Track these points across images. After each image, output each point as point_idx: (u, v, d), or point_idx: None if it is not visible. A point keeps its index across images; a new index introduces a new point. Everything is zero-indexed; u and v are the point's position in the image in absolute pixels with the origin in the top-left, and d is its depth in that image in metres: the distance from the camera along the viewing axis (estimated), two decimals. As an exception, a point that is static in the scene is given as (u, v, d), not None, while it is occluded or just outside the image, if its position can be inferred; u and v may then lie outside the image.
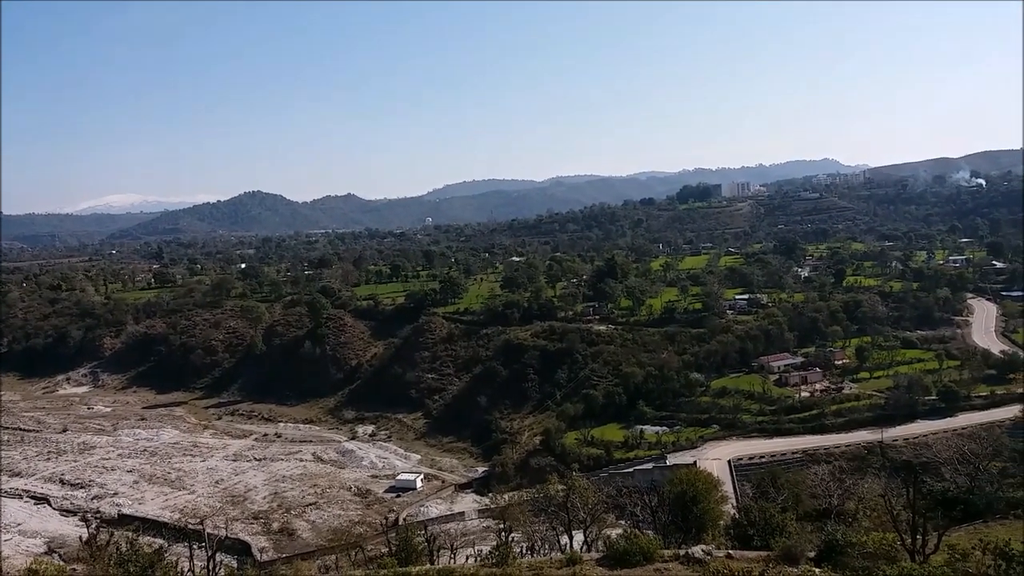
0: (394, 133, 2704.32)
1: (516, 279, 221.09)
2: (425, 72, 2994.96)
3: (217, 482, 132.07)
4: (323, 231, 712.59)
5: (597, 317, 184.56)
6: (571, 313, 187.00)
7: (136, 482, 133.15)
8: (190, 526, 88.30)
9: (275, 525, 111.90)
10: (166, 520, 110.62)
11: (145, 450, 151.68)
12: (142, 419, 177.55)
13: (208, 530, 78.25)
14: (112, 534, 55.74)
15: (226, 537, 79.46)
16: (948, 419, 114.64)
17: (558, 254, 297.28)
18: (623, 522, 62.93)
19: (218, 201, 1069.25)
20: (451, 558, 56.97)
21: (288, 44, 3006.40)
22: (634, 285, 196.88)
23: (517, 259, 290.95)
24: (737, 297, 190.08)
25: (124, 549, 37.88)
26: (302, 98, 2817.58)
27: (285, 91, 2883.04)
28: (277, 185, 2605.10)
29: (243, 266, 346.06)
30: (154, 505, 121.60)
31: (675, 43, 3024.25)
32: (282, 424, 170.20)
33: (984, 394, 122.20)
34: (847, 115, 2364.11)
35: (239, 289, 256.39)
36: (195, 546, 68.02)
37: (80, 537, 65.40)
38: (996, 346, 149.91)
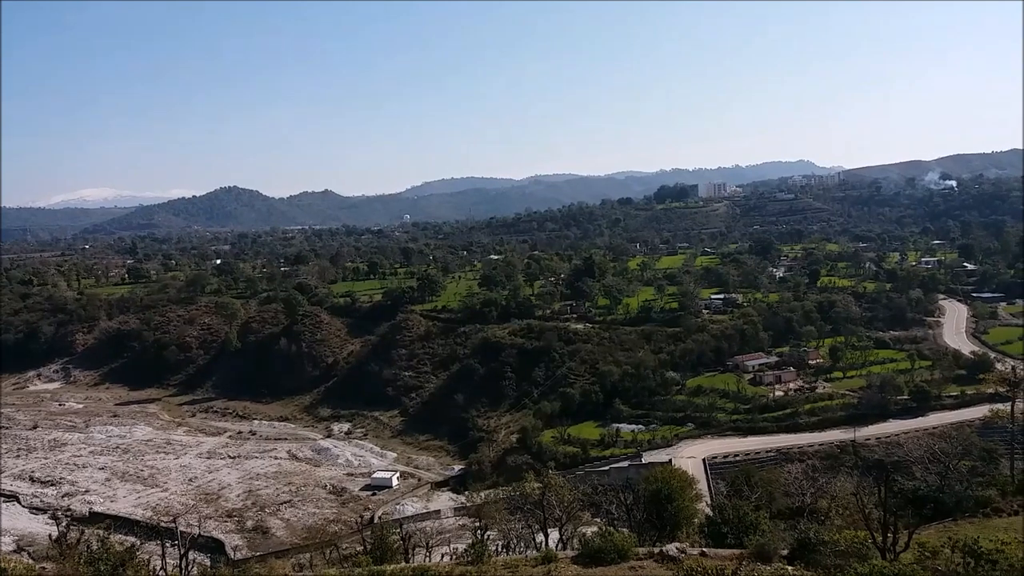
0: (373, 130, 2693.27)
1: (494, 277, 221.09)
2: (404, 69, 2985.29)
3: (191, 480, 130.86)
4: (300, 227, 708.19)
5: (575, 316, 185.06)
6: (549, 311, 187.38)
7: (108, 479, 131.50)
8: (163, 524, 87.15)
9: (249, 523, 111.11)
10: (138, 518, 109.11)
11: (117, 447, 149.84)
12: (115, 416, 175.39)
13: (181, 528, 77.56)
14: (83, 532, 54.95)
15: (199, 535, 78.72)
16: (920, 419, 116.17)
17: (536, 252, 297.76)
18: (599, 520, 63.17)
19: (193, 196, 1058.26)
20: (426, 556, 56.90)
21: (265, 39, 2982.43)
22: (611, 284, 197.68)
23: (495, 257, 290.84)
24: (713, 297, 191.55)
25: (95, 547, 37.32)
26: (280, 93, 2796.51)
27: (262, 86, 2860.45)
28: (254, 180, 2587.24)
29: (218, 262, 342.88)
30: (126, 503, 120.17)
31: (653, 44, 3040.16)
32: (257, 421, 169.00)
33: (955, 394, 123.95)
34: (823, 117, 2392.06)
35: (214, 285, 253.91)
36: (168, 544, 67.27)
37: (50, 535, 64.42)
38: (967, 347, 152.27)
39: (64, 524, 75.40)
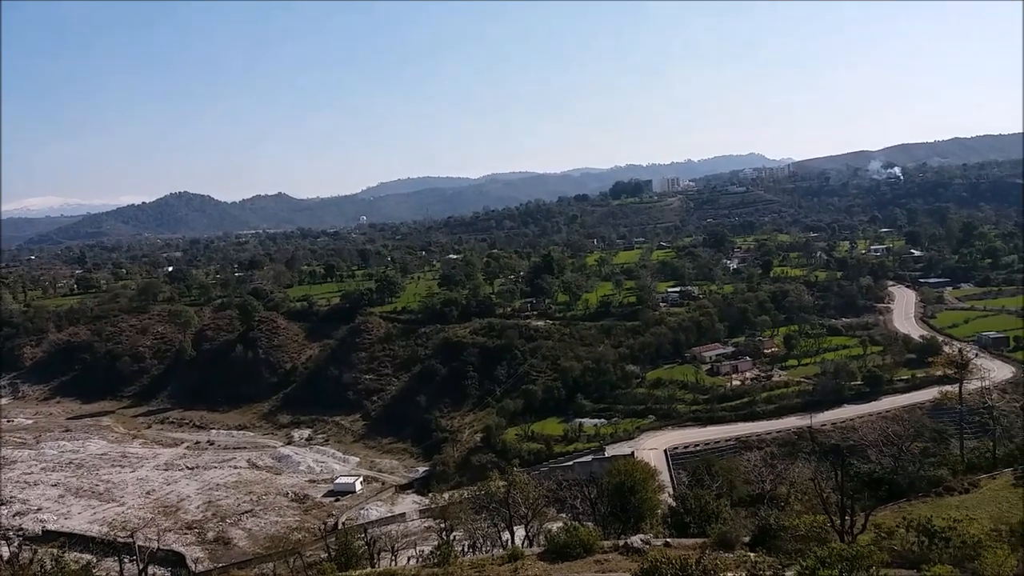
0: (326, 131, 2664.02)
1: (454, 277, 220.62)
2: (357, 69, 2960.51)
3: (148, 492, 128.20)
4: (253, 232, 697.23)
5: (535, 313, 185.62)
6: (509, 309, 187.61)
7: (61, 496, 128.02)
8: (120, 539, 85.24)
9: (210, 534, 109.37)
10: (94, 534, 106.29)
11: (71, 463, 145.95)
12: (67, 431, 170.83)
13: (139, 542, 76.01)
14: (36, 551, 53.36)
15: (158, 549, 77.17)
16: (873, 403, 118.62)
17: (495, 251, 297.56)
18: (564, 515, 63.46)
19: (143, 203, 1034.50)
20: (392, 560, 56.56)
21: (213, 41, 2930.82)
22: (570, 280, 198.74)
23: (454, 257, 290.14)
24: (669, 290, 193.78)
25: (49, 567, 36.39)
26: (230, 95, 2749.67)
27: (211, 89, 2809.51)
28: (205, 185, 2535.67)
29: (170, 269, 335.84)
30: (81, 519, 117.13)
31: (605, 43, 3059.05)
32: (215, 431, 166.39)
33: (905, 378, 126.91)
34: (770, 110, 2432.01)
35: (167, 293, 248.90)
36: (126, 560, 65.81)
37: (1, 556, 62.50)
38: (916, 331, 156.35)
39: (16, 544, 73.32)
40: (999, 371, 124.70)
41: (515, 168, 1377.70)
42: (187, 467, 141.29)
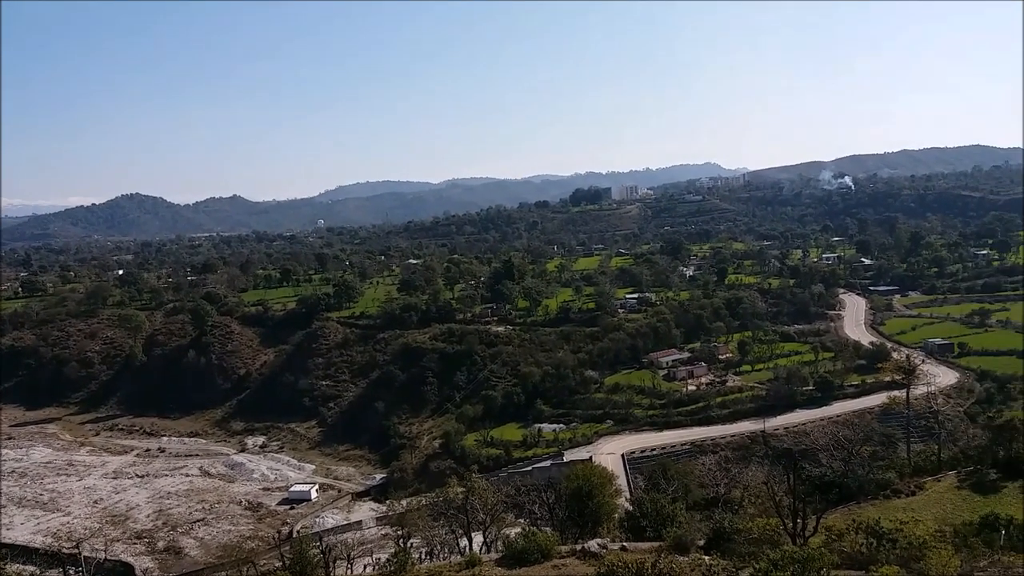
0: (283, 132, 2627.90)
1: (413, 282, 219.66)
2: (315, 71, 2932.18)
3: (96, 502, 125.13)
4: (207, 235, 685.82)
5: (495, 318, 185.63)
6: (469, 315, 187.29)
7: (3, 506, 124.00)
8: (65, 550, 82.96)
9: (160, 544, 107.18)
10: (37, 545, 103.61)
11: (13, 471, 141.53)
12: (10, 438, 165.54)
13: (85, 553, 73.96)
14: (-25, 564, 51.77)
15: (106, 559, 75.39)
16: (824, 408, 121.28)
17: (455, 256, 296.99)
18: (522, 521, 63.46)
19: (93, 204, 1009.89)
20: (348, 568, 55.97)
21: (167, 39, 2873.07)
22: (531, 286, 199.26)
23: (414, 262, 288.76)
24: (628, 296, 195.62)
25: (-11, 579, 35.22)
26: (183, 95, 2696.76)
27: (164, 87, 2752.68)
28: (157, 187, 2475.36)
29: (121, 273, 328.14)
30: (24, 530, 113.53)
31: (565, 49, 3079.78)
32: (166, 438, 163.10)
33: (856, 383, 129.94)
34: (726, 121, 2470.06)
35: (117, 297, 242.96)
36: (71, 571, 64.05)
37: (-61, 569, 60.35)
38: (866, 338, 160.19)
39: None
40: (944, 377, 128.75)
41: (476, 173, 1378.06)
42: (137, 475, 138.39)
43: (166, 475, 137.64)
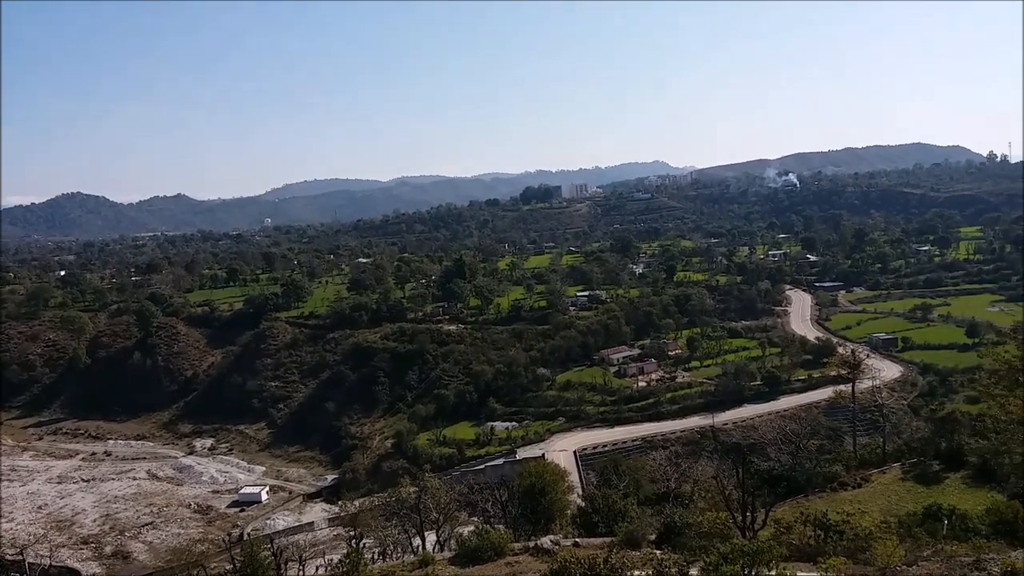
0: (228, 130, 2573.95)
1: (363, 281, 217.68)
2: (260, 66, 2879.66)
3: (40, 507, 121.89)
4: (151, 234, 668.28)
5: (447, 317, 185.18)
6: (421, 314, 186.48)
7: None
8: (8, 557, 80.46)
9: (108, 549, 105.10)
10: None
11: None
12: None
13: (29, 560, 71.95)
14: (-92, 576, 49.82)
15: (51, 565, 73.62)
16: (772, 402, 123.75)
17: (406, 255, 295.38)
18: (475, 519, 63.50)
19: (32, 204, 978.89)
20: (300, 570, 55.31)
21: (106, 35, 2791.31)
22: (482, 284, 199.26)
23: (364, 260, 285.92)
24: (578, 294, 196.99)
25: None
26: (125, 92, 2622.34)
27: (104, 83, 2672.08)
28: (99, 186, 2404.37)
29: (62, 273, 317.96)
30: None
31: (513, 48, 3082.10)
32: (112, 441, 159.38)
33: (803, 378, 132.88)
34: (673, 119, 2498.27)
35: (58, 298, 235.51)
36: (11, 581, 62.07)
37: None
38: (812, 333, 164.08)
39: None
40: (888, 371, 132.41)
41: (426, 172, 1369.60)
42: (82, 479, 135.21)
43: (113, 479, 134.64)
